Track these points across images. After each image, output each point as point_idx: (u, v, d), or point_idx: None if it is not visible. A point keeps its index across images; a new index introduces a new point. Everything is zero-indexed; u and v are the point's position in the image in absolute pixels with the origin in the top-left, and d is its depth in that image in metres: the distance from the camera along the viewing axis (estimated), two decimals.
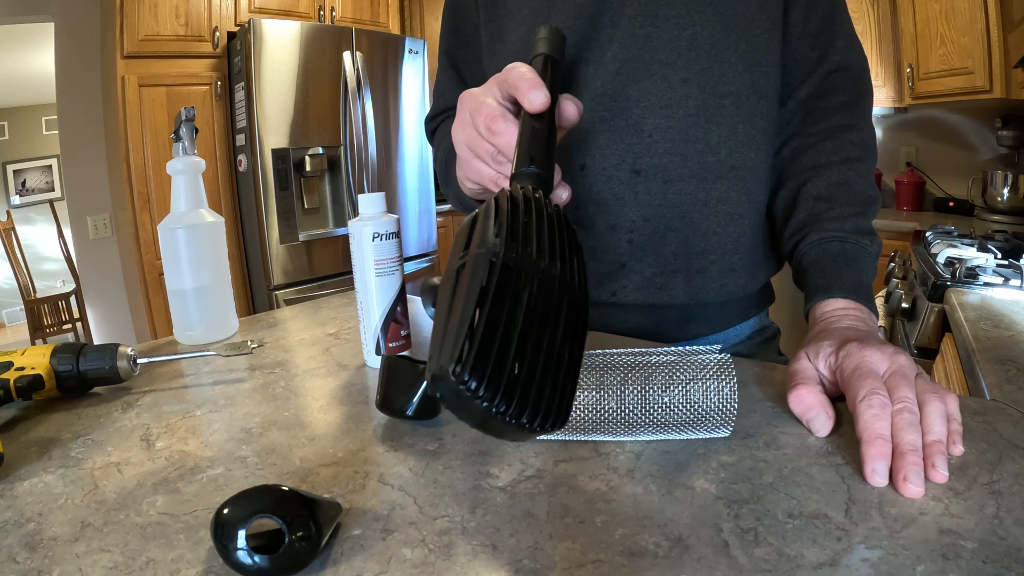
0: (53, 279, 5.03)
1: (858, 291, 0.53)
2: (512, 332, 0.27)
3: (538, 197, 0.34)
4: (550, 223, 0.32)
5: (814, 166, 0.61)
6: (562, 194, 0.42)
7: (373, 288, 0.57)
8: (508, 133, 0.41)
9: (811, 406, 0.42)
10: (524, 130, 0.40)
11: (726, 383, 0.41)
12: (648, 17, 0.56)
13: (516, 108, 0.43)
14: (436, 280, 0.45)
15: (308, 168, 2.58)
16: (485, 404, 0.25)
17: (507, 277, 0.28)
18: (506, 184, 0.42)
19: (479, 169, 0.45)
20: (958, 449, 0.38)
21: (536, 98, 0.39)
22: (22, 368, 0.51)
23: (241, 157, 2.59)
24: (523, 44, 0.61)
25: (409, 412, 0.45)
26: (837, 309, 0.52)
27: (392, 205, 2.88)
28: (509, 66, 0.42)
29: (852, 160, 0.60)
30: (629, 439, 0.42)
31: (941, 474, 0.35)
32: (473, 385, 0.25)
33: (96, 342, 0.77)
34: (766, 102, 0.61)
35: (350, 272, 0.61)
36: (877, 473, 0.35)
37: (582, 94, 0.59)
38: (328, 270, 2.71)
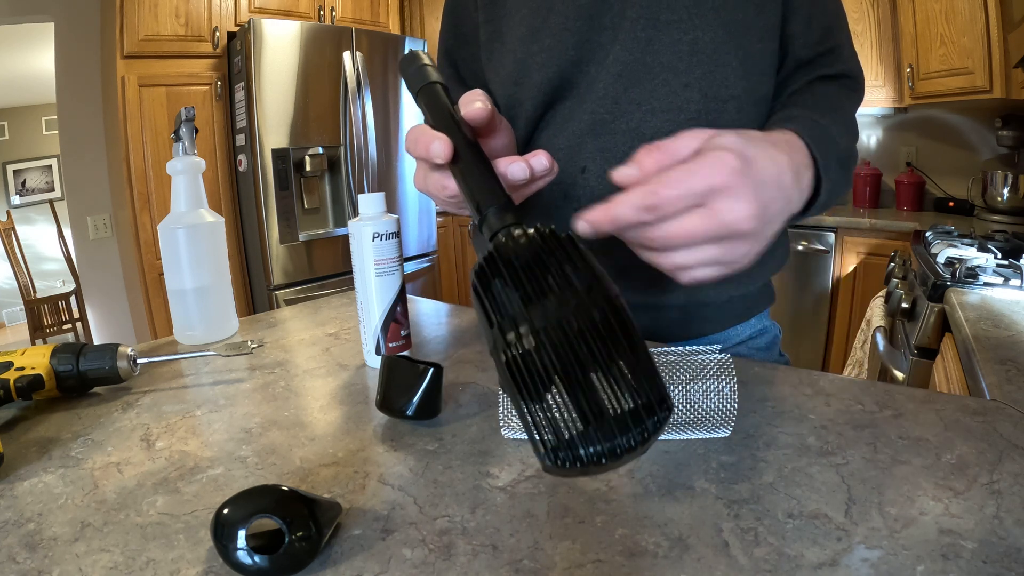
0: (53, 279, 5.03)
1: (815, 138, 0.47)
2: (559, 398, 0.29)
3: (503, 249, 0.34)
4: (529, 254, 0.33)
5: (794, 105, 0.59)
6: (543, 160, 0.41)
7: (373, 288, 0.57)
8: (453, 184, 0.42)
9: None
10: (458, 175, 0.40)
11: (726, 383, 0.41)
12: (650, 20, 0.56)
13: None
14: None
15: (308, 168, 2.58)
16: (584, 463, 0.28)
17: (523, 360, 0.30)
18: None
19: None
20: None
21: (437, 150, 0.39)
22: (22, 368, 0.51)
23: (241, 157, 2.59)
24: (521, 44, 0.61)
25: (409, 412, 0.45)
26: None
27: (392, 205, 2.88)
28: (407, 136, 0.42)
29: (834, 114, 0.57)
30: None
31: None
32: (565, 461, 0.28)
33: (96, 342, 0.77)
34: (767, 106, 0.61)
35: (350, 272, 0.61)
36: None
37: (584, 96, 0.59)
38: (328, 270, 2.71)
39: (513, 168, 0.40)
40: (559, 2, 0.58)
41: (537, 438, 0.29)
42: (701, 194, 0.35)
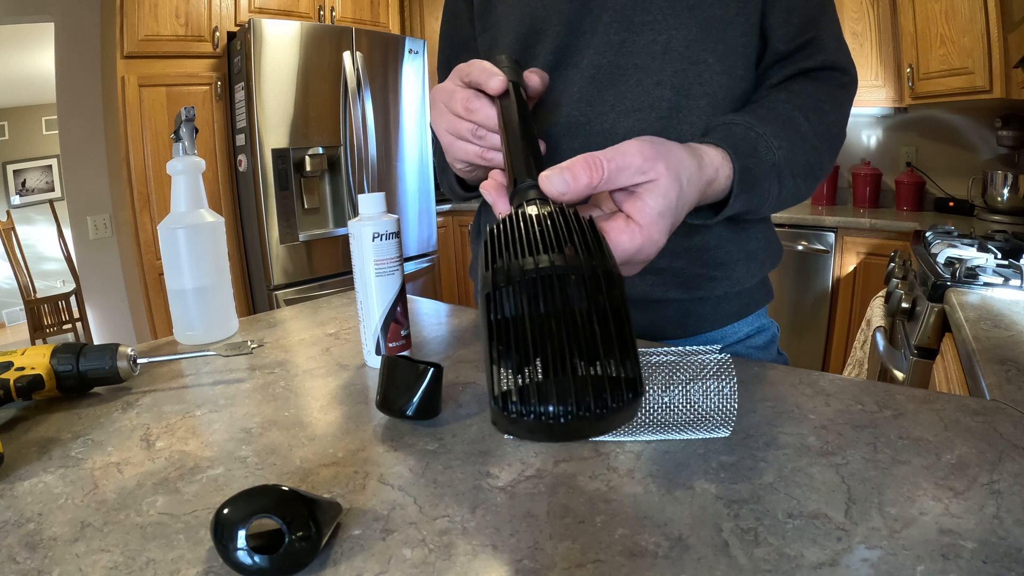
0: (53, 279, 5.03)
1: (737, 148, 0.48)
2: (525, 344, 0.28)
3: (524, 212, 0.34)
4: (543, 222, 0.33)
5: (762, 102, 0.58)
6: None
7: (373, 288, 0.57)
8: (483, 109, 0.46)
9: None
10: (504, 139, 0.43)
11: (726, 383, 0.41)
12: (624, 23, 0.56)
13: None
14: None
15: (308, 168, 2.58)
16: (532, 418, 0.27)
17: (499, 300, 0.30)
18: (492, 156, 0.47)
19: (464, 148, 0.49)
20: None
21: (494, 83, 0.45)
22: (22, 368, 0.51)
23: (241, 157, 2.59)
24: (512, 52, 0.61)
25: (409, 412, 0.45)
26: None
27: (392, 205, 2.88)
28: (470, 61, 0.47)
29: (807, 117, 0.56)
30: (629, 439, 0.42)
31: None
32: (514, 409, 0.27)
33: (96, 342, 0.77)
34: (746, 100, 0.60)
35: (350, 272, 0.61)
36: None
37: (560, 99, 0.60)
38: (328, 270, 2.71)
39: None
40: (541, 8, 0.59)
41: (493, 382, 0.28)
42: (624, 254, 0.38)
